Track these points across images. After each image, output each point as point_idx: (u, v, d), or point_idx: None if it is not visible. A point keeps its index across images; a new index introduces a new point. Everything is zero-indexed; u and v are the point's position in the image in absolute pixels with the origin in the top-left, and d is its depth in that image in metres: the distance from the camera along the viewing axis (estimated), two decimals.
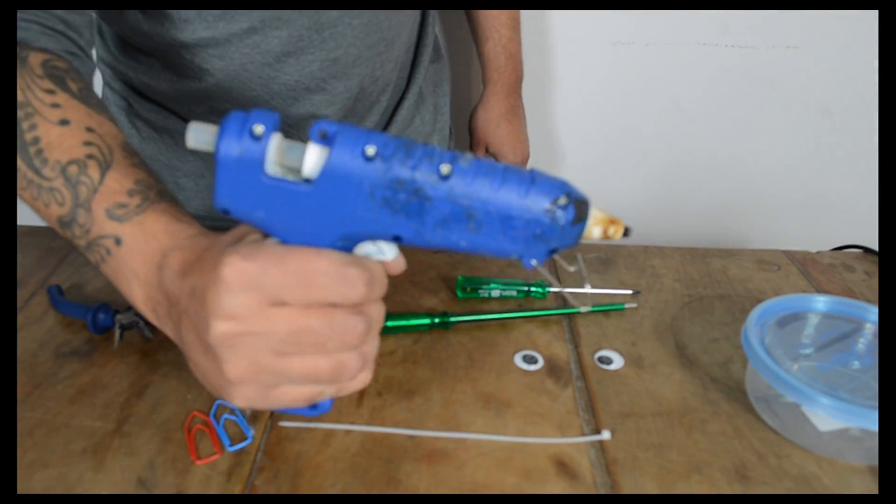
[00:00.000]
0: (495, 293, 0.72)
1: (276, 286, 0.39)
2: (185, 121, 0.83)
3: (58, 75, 0.54)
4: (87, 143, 0.51)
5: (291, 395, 0.43)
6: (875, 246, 0.84)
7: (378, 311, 0.44)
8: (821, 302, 0.63)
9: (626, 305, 0.72)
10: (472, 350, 0.65)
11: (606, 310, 0.71)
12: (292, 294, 0.40)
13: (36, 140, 0.51)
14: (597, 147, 1.31)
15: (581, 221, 0.40)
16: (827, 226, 1.38)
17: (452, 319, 0.67)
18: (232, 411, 0.56)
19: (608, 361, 0.64)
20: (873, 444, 0.54)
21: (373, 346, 0.44)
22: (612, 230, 0.42)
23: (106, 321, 0.64)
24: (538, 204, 0.39)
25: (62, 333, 0.65)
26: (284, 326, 0.40)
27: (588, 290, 0.74)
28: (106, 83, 0.88)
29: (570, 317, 0.70)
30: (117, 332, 0.63)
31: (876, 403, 0.51)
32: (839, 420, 0.52)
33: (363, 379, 0.45)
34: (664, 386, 0.61)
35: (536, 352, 0.65)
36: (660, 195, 1.38)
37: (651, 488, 0.51)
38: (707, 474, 0.52)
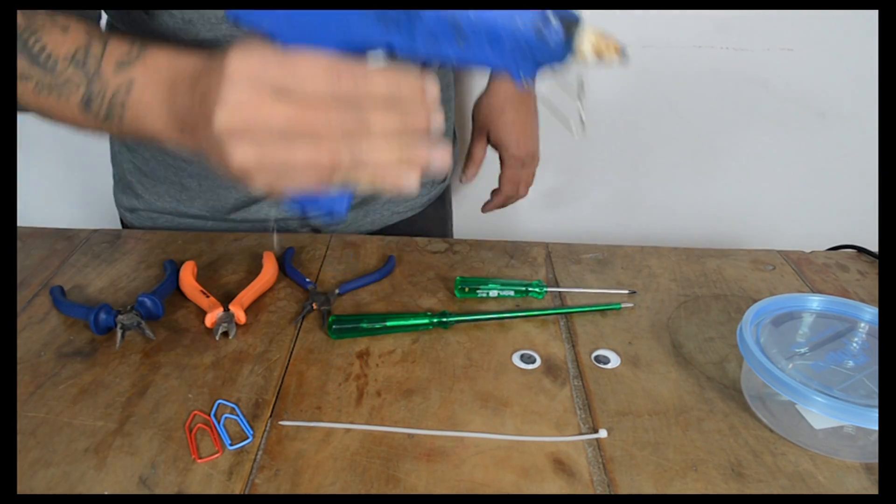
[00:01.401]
0: (493, 293, 0.73)
1: (274, 77, 0.43)
2: None
3: (59, 15, 0.58)
4: (88, 33, 0.55)
5: (303, 178, 0.46)
6: (869, 246, 0.84)
7: (383, 119, 0.45)
8: (815, 301, 0.64)
9: (623, 305, 0.72)
10: (470, 349, 0.65)
11: (603, 309, 0.72)
12: (288, 84, 0.43)
13: (43, 48, 0.55)
14: (593, 149, 1.32)
15: (570, 38, 0.42)
16: (821, 226, 1.39)
17: (451, 319, 0.67)
18: (233, 410, 0.57)
19: (605, 360, 0.64)
20: (867, 441, 0.54)
21: (372, 149, 0.45)
22: (604, 46, 0.43)
23: (108, 321, 0.64)
24: (525, 18, 0.41)
25: (64, 334, 0.66)
26: (283, 116, 0.43)
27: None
28: None
29: (568, 316, 0.71)
30: (119, 333, 0.63)
31: (870, 402, 0.52)
32: (834, 418, 0.52)
33: (389, 177, 0.46)
34: (660, 385, 0.61)
35: (534, 351, 0.65)
36: (656, 196, 1.38)
37: (647, 486, 0.51)
38: (703, 472, 0.52)
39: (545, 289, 0.73)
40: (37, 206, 1.44)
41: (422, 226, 0.99)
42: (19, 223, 0.86)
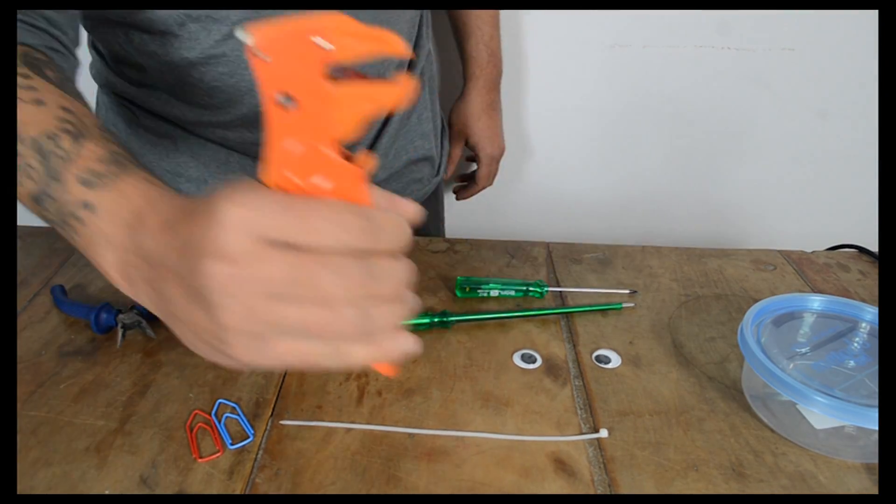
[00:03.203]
0: (494, 293, 0.73)
1: (273, 227, 0.38)
2: (186, 129, 0.83)
3: (35, 65, 0.54)
4: (62, 119, 0.49)
5: (287, 349, 0.40)
6: (870, 246, 0.84)
7: (390, 269, 0.40)
8: (816, 301, 0.64)
9: (624, 305, 0.72)
10: (471, 349, 0.65)
11: (604, 309, 0.72)
12: (289, 235, 0.38)
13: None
14: (594, 148, 1.32)
15: None
16: (822, 226, 1.39)
17: (452, 319, 0.67)
18: (234, 410, 0.57)
19: (606, 360, 0.64)
20: (868, 441, 0.54)
21: (382, 311, 0.40)
22: None
23: (108, 321, 0.64)
24: None
25: (65, 333, 0.66)
26: (280, 269, 0.38)
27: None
28: (103, 90, 0.88)
29: (569, 316, 0.71)
30: (120, 332, 0.64)
31: (871, 402, 0.52)
32: (834, 418, 0.52)
33: (364, 353, 0.41)
34: (661, 384, 0.61)
35: (535, 351, 0.65)
36: (657, 196, 1.38)
37: (648, 486, 0.51)
38: (704, 472, 0.52)
39: (546, 288, 0.73)
40: None
41: (435, 205, 1.00)
42: (22, 222, 0.86)
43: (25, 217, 0.66)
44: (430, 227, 1.08)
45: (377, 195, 0.41)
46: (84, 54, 0.69)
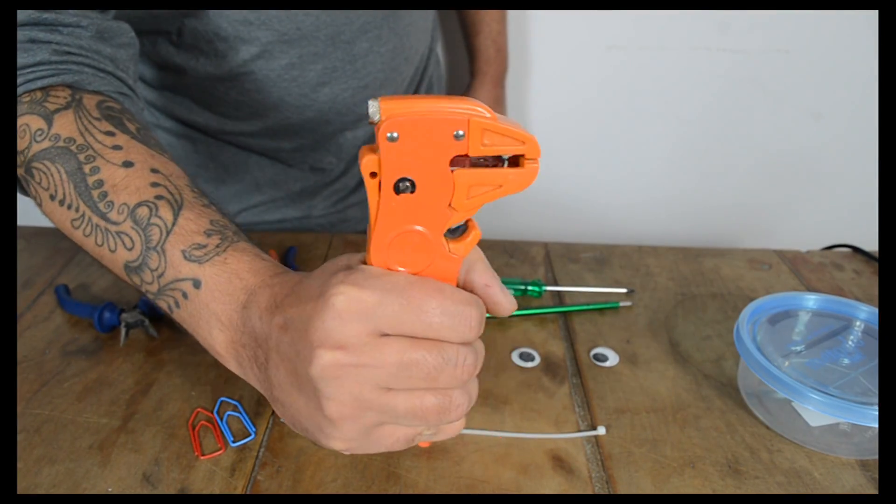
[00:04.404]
0: None
1: (390, 318, 0.38)
2: (207, 133, 0.84)
3: (115, 116, 0.53)
4: (155, 185, 0.48)
5: (393, 435, 0.42)
6: (864, 245, 0.85)
7: (482, 349, 0.42)
8: (811, 300, 0.64)
9: (621, 304, 0.73)
10: None
11: (601, 308, 0.72)
12: (407, 328, 0.38)
13: (99, 183, 0.48)
14: (591, 150, 1.32)
15: None
16: (817, 226, 1.40)
17: None
18: (235, 408, 0.57)
19: (603, 359, 0.65)
20: (862, 438, 0.55)
21: (476, 386, 0.42)
22: None
23: (112, 320, 0.65)
24: None
25: (69, 332, 0.66)
26: (395, 358, 0.38)
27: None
28: None
29: (566, 315, 0.71)
30: (123, 331, 0.64)
31: (865, 399, 0.53)
32: (829, 415, 0.53)
33: (458, 426, 0.44)
34: (658, 382, 0.62)
35: (533, 349, 0.66)
36: (653, 196, 1.39)
37: (645, 483, 0.52)
38: (700, 469, 0.53)
39: (544, 287, 0.74)
40: None
41: None
42: (25, 223, 0.86)
43: (28, 217, 0.67)
44: None
45: (482, 276, 0.43)
46: None
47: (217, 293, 0.44)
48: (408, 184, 0.37)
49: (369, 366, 0.38)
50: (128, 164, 0.49)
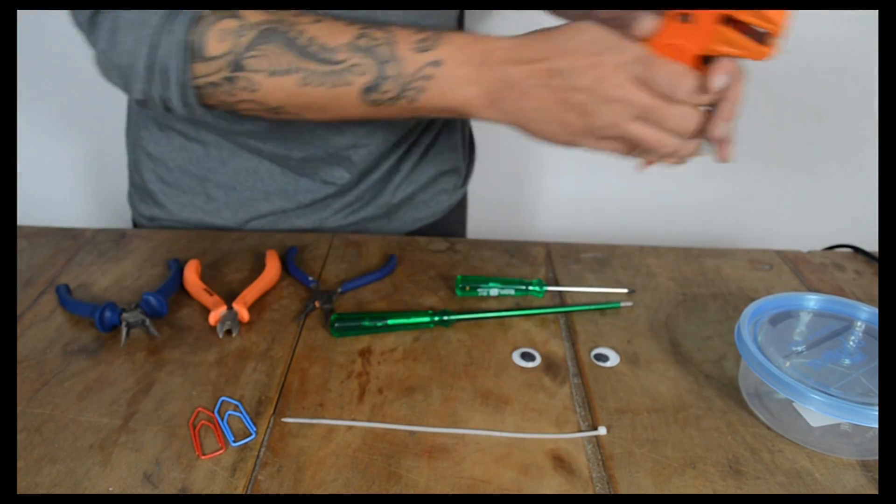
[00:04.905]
0: (493, 292, 0.73)
1: (648, 70, 0.55)
2: (218, 135, 0.83)
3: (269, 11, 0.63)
4: (349, 23, 0.61)
5: (639, 132, 0.58)
6: (865, 246, 0.85)
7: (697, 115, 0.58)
8: (812, 300, 0.64)
9: (622, 304, 0.73)
10: (471, 348, 0.66)
11: (602, 308, 0.72)
12: (660, 84, 0.55)
13: (311, 40, 0.60)
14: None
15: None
16: (818, 226, 1.40)
17: (452, 317, 0.68)
18: (236, 407, 0.57)
19: (604, 359, 0.65)
20: (863, 439, 0.55)
21: (690, 146, 0.60)
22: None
23: (113, 319, 0.65)
24: None
25: (70, 331, 0.66)
26: (646, 101, 0.56)
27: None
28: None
29: (567, 315, 0.71)
30: (124, 330, 0.64)
31: (866, 400, 0.53)
32: (830, 416, 0.53)
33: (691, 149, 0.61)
34: (659, 383, 0.62)
35: (534, 349, 0.66)
36: (655, 196, 1.39)
37: (646, 483, 0.52)
38: (701, 469, 0.53)
39: (545, 287, 0.74)
40: (52, 205, 1.44)
41: (441, 230, 0.99)
42: (26, 222, 0.86)
43: (29, 217, 0.67)
44: (455, 233, 1.05)
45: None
46: None
47: (457, 61, 0.59)
48: (685, 17, 0.56)
49: (629, 101, 0.56)
50: (319, 21, 0.61)
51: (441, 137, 0.94)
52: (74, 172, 1.44)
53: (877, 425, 0.51)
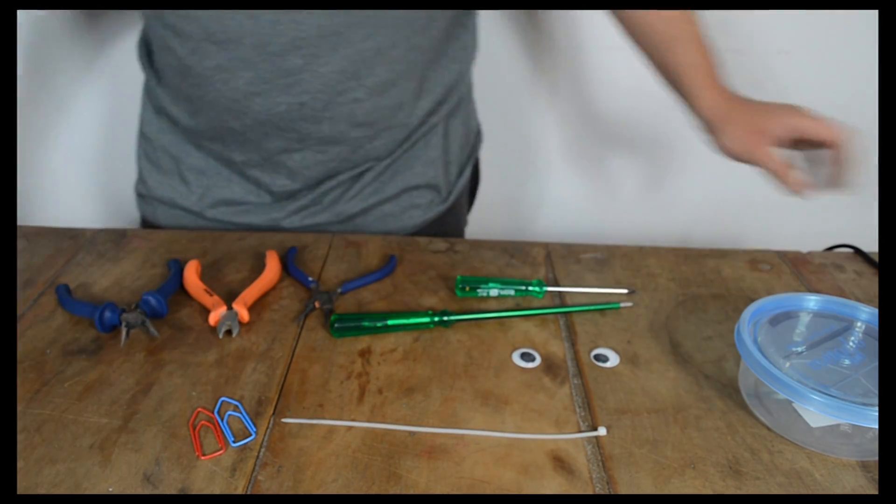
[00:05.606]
0: (493, 292, 0.73)
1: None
2: (181, 131, 0.86)
3: None
4: None
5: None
6: (865, 246, 0.85)
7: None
8: (812, 301, 0.64)
9: (622, 304, 0.73)
10: (470, 348, 0.66)
11: (602, 308, 0.72)
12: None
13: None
14: (592, 150, 1.32)
15: None
16: (818, 227, 1.39)
17: (451, 318, 0.68)
18: (236, 408, 0.57)
19: (604, 359, 0.65)
20: (863, 439, 0.55)
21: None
22: None
23: (113, 320, 0.65)
24: None
25: (70, 332, 0.66)
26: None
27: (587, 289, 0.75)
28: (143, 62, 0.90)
29: (567, 315, 0.71)
30: (124, 331, 0.64)
31: (866, 400, 0.53)
32: (830, 416, 0.53)
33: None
34: (659, 383, 0.62)
35: (534, 350, 0.66)
36: (654, 197, 1.38)
37: (646, 483, 0.52)
38: (701, 469, 0.53)
39: (545, 288, 0.74)
40: (52, 205, 1.44)
41: (438, 230, 0.98)
42: (26, 222, 0.86)
43: (28, 217, 0.67)
44: (454, 235, 1.01)
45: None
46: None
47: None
48: None
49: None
50: None
51: (413, 151, 0.89)
52: (74, 172, 1.44)
53: (876, 426, 0.51)
